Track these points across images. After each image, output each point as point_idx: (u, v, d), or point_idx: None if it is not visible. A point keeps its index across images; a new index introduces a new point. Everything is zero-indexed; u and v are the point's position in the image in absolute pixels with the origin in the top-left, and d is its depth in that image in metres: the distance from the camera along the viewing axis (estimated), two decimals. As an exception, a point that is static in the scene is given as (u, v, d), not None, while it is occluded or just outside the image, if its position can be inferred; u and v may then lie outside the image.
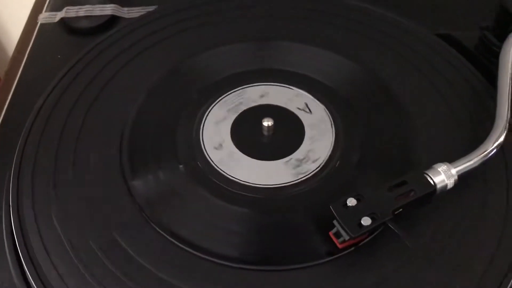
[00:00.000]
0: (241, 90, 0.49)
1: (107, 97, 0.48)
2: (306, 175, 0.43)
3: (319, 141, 0.45)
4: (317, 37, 0.52)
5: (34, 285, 0.37)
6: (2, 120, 0.50)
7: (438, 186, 0.38)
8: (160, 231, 0.39)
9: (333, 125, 0.46)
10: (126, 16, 0.58)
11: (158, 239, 0.39)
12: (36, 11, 0.61)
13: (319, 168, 0.44)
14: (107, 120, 0.46)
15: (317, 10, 0.54)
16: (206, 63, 0.51)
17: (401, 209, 0.37)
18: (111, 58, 0.51)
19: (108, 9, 0.58)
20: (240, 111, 0.47)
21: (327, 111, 0.47)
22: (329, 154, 0.44)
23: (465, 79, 0.49)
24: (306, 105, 0.48)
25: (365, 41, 0.52)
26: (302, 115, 0.47)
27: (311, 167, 0.44)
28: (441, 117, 0.46)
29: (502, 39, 0.48)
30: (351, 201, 0.37)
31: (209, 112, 0.47)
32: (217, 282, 0.37)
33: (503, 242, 0.38)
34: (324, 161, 0.44)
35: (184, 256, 0.38)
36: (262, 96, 0.48)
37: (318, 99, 0.48)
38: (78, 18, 0.58)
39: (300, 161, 0.44)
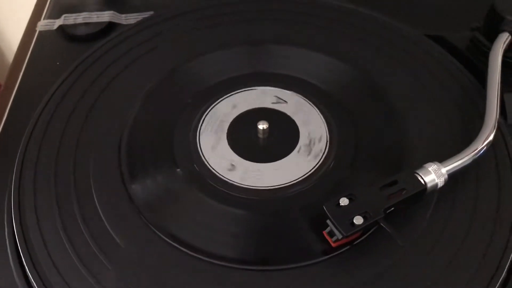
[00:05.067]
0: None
1: (106, 102, 0.48)
2: (321, 157, 0.45)
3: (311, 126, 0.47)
4: (309, 40, 0.52)
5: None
6: (4, 126, 0.50)
7: (429, 185, 0.39)
8: (159, 234, 0.40)
9: (326, 127, 0.47)
10: (123, 22, 0.59)
11: (157, 242, 0.39)
12: (34, 18, 0.62)
13: (327, 148, 0.45)
14: (106, 125, 0.47)
15: (307, 13, 0.55)
16: (200, 68, 0.51)
17: (392, 208, 0.38)
18: (108, 64, 0.51)
19: (105, 16, 0.58)
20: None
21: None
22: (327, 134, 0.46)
23: (456, 79, 0.49)
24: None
25: (357, 43, 0.52)
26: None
27: (321, 147, 0.45)
28: (432, 117, 0.47)
29: (492, 39, 0.49)
30: (344, 201, 0.37)
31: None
32: (216, 283, 0.38)
33: (494, 238, 0.39)
34: (328, 140, 0.46)
35: (183, 258, 0.39)
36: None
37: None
38: (76, 25, 0.58)
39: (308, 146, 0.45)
